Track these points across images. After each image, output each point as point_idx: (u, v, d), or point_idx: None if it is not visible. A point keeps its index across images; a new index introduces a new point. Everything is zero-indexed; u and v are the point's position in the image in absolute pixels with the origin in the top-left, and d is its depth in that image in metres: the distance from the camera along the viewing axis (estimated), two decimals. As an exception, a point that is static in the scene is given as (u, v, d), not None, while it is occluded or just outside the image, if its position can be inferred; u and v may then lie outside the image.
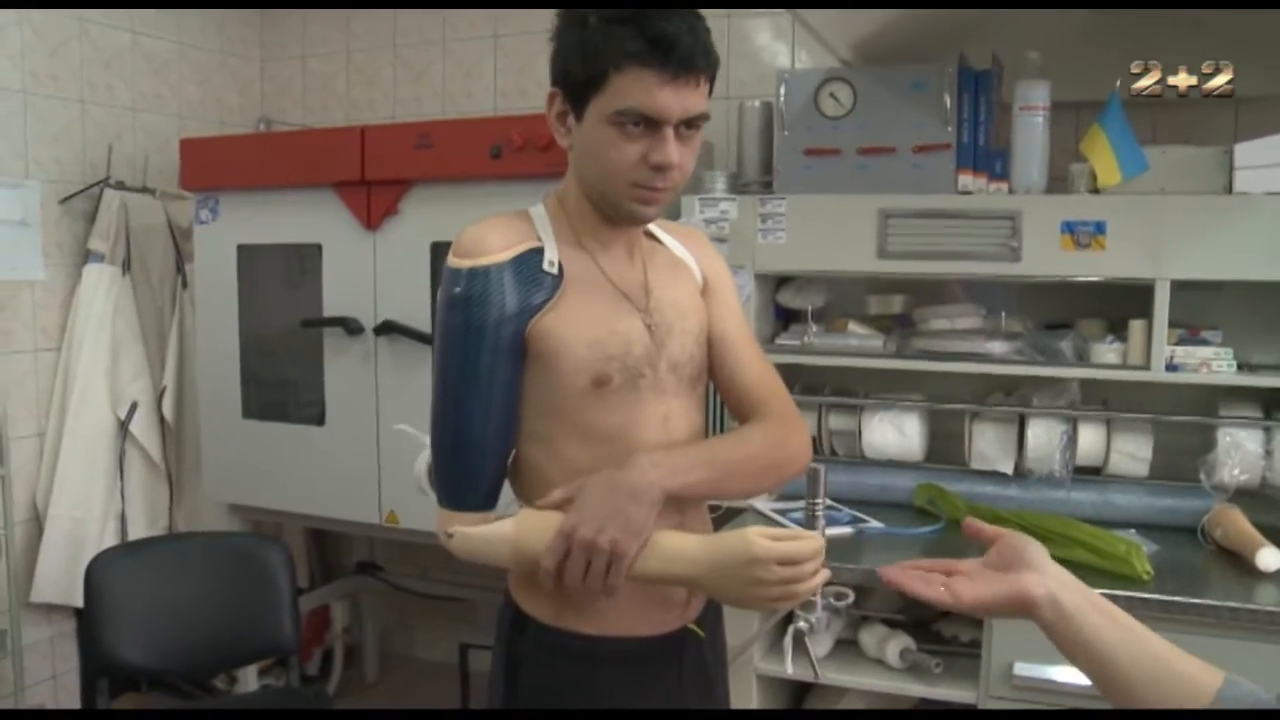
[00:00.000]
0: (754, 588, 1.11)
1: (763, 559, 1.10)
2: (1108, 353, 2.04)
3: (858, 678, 1.98)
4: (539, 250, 1.21)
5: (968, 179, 2.10)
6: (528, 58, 3.01)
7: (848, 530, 2.06)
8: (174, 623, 2.18)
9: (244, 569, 2.28)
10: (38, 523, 2.78)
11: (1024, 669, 1.77)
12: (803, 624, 1.38)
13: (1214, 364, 1.96)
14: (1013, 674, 1.77)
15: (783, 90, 2.21)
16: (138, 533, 2.84)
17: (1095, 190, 1.99)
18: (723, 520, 1.87)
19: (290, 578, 2.29)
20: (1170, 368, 1.96)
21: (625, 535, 1.12)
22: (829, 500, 1.42)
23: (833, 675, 1.96)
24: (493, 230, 1.20)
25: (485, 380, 1.18)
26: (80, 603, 2.38)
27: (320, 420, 2.75)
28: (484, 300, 1.17)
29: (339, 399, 2.71)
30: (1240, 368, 1.97)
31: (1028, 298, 2.24)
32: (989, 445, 2.17)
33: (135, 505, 2.88)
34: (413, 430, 1.47)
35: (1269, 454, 1.98)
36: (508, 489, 1.28)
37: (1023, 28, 2.08)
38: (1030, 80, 2.04)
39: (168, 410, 2.93)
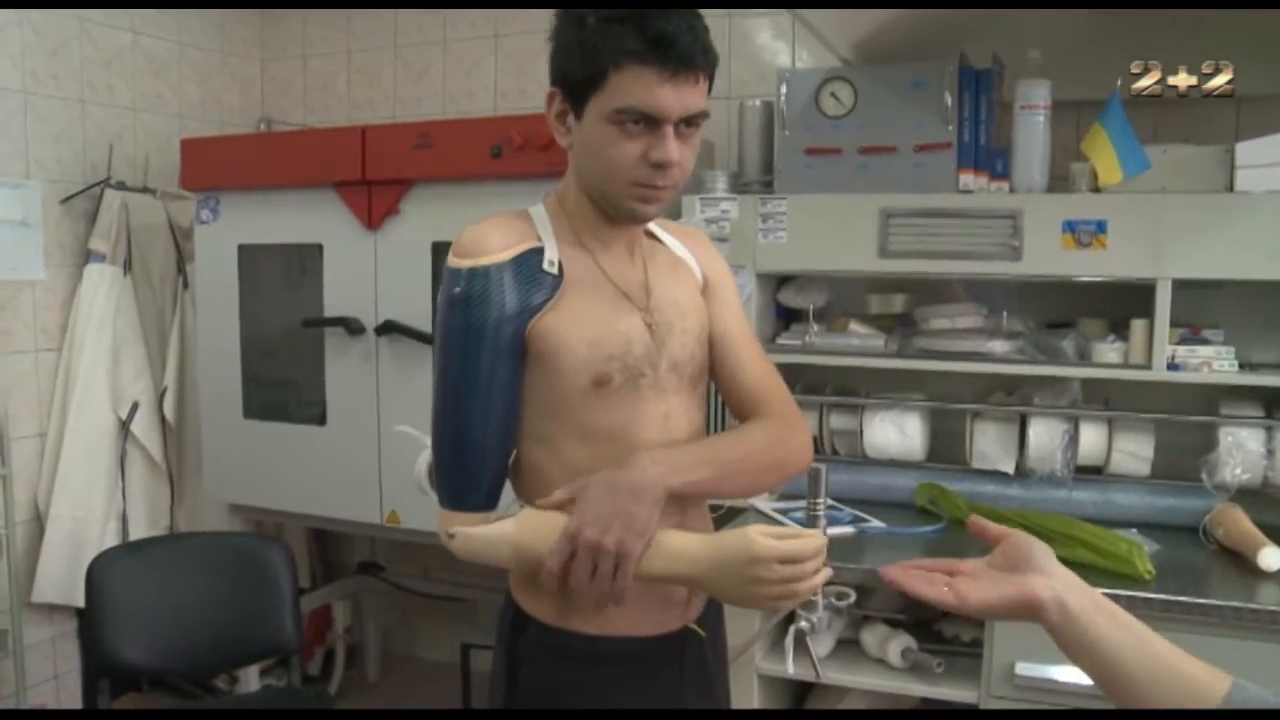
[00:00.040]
0: (755, 586, 1.11)
1: (764, 558, 1.09)
2: (1109, 352, 2.04)
3: (859, 677, 1.98)
4: (539, 250, 1.20)
5: (969, 178, 2.10)
6: (528, 58, 3.01)
7: (849, 530, 2.05)
8: (175, 623, 2.18)
9: (245, 569, 2.28)
10: (39, 523, 2.78)
11: (1025, 669, 1.76)
12: (804, 623, 1.37)
13: (1215, 363, 1.95)
14: (1014, 674, 1.77)
15: (783, 90, 2.21)
16: (139, 533, 2.84)
17: (1096, 189, 1.99)
18: (724, 519, 1.87)
19: (291, 578, 2.29)
20: (1172, 367, 1.96)
21: (630, 535, 1.12)
22: (830, 500, 1.42)
23: (834, 675, 1.96)
24: (492, 230, 1.20)
25: (485, 380, 1.18)
26: (81, 603, 2.38)
27: (321, 420, 2.75)
28: (484, 300, 1.16)
29: (340, 399, 2.71)
30: (1242, 367, 1.97)
31: (1029, 297, 2.24)
32: (990, 445, 2.17)
33: (136, 505, 2.88)
34: (414, 431, 1.47)
35: (1271, 453, 1.98)
36: (508, 489, 1.27)
37: (1023, 27, 2.08)
38: (1031, 79, 2.04)
39: (169, 410, 2.94)
